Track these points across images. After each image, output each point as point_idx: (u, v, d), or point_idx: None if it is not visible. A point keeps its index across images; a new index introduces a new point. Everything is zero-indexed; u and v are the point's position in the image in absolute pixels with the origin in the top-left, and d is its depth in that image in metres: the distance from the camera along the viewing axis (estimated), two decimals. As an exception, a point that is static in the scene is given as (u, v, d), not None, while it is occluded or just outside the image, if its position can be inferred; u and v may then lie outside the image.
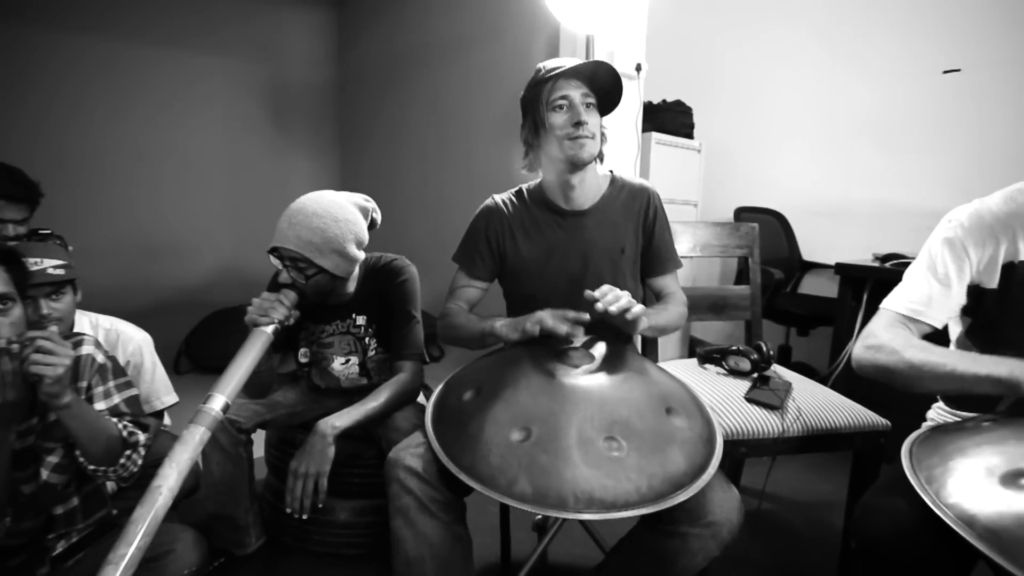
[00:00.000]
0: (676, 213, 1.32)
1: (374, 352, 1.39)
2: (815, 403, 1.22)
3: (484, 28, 3.00)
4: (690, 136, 2.73)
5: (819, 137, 2.78)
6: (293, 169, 4.27)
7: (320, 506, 1.17)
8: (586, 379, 0.92)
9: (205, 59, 3.84)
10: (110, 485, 1.21)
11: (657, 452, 0.82)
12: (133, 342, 1.51)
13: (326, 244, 1.19)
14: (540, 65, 1.17)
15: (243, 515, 1.34)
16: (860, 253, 2.25)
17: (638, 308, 0.98)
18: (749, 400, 1.21)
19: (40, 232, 1.48)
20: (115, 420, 1.09)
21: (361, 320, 1.37)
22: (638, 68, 2.24)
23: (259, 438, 1.42)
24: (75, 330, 1.36)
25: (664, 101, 2.69)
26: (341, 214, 1.23)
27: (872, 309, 1.94)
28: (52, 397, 0.92)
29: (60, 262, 1.30)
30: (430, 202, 3.51)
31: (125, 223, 3.57)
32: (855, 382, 1.15)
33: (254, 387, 1.32)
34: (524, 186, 1.29)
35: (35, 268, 1.20)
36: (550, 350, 1.01)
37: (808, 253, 2.82)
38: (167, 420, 1.66)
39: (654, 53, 2.33)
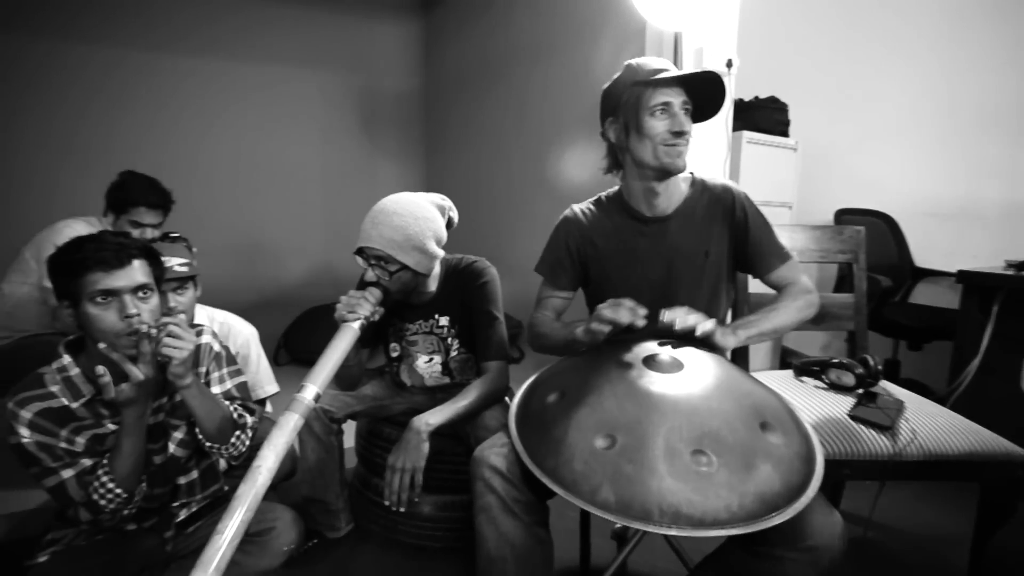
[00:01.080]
0: (769, 216, 1.24)
1: (456, 352, 1.43)
2: (934, 425, 1.10)
3: (568, 30, 3.00)
4: (785, 134, 2.57)
5: (937, 130, 2.51)
6: (381, 174, 4.49)
7: (416, 500, 1.21)
8: (674, 388, 0.89)
9: (304, 73, 4.15)
10: (222, 463, 1.33)
11: (750, 469, 0.78)
12: (242, 335, 1.65)
13: (407, 241, 1.25)
14: (633, 62, 1.13)
15: (334, 500, 1.43)
16: (988, 259, 2.01)
17: (707, 325, 0.96)
18: (854, 418, 1.12)
19: (171, 235, 1.66)
20: (227, 403, 1.20)
21: (444, 321, 1.41)
22: (729, 64, 2.14)
23: (350, 429, 1.51)
24: (195, 322, 1.51)
25: (757, 98, 2.55)
26: (420, 212, 1.28)
27: (1003, 322, 1.74)
28: (177, 377, 1.03)
29: (184, 260, 1.45)
30: (513, 205, 3.55)
31: (234, 227, 3.92)
32: (982, 404, 1.03)
33: (345, 380, 1.40)
34: (603, 194, 1.28)
35: (164, 265, 1.35)
36: (636, 355, 0.99)
37: (922, 259, 2.55)
38: (268, 407, 1.80)
39: (746, 47, 2.21)
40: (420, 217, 1.26)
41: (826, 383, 1.27)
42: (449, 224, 1.37)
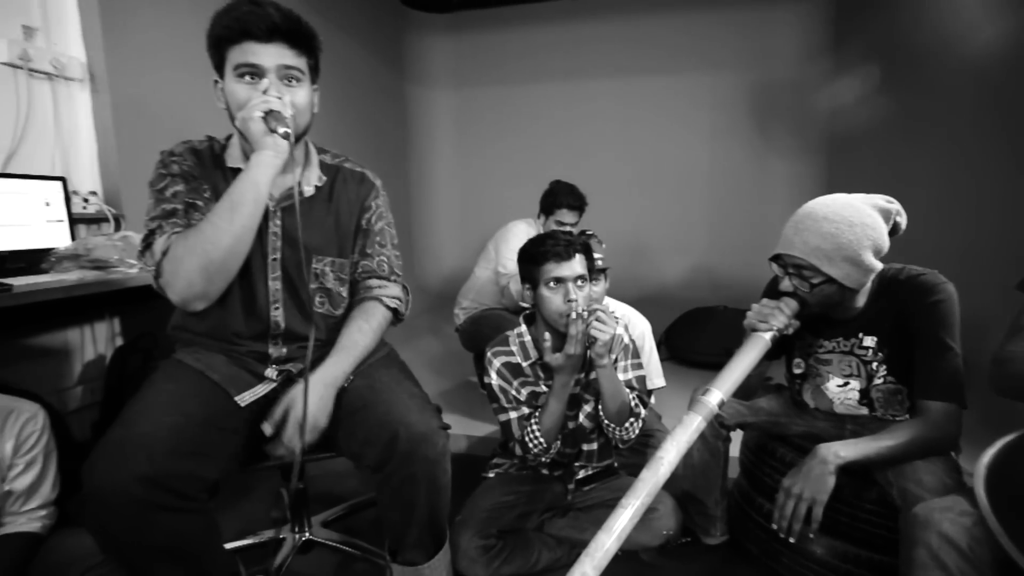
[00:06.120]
0: None
1: (882, 380, 1.19)
2: None
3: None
4: None
5: None
6: (771, 174, 4.17)
7: (811, 536, 1.08)
8: None
9: (695, 78, 4.24)
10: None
11: None
12: (638, 328, 1.79)
13: (837, 251, 1.09)
14: None
15: (713, 506, 1.41)
16: None
17: None
18: None
19: (586, 232, 1.93)
20: (628, 391, 1.33)
21: (870, 341, 1.19)
22: None
23: (737, 437, 1.45)
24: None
25: None
26: (857, 218, 1.09)
27: None
28: (598, 357, 1.20)
29: (599, 255, 1.66)
30: (963, 207, 2.73)
31: (625, 226, 4.31)
32: None
33: (740, 389, 1.34)
34: None
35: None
36: None
37: None
38: (652, 400, 1.91)
39: None
40: (857, 224, 1.08)
41: None
42: (894, 231, 1.14)
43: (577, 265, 1.24)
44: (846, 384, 1.23)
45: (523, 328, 1.37)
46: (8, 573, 1.02)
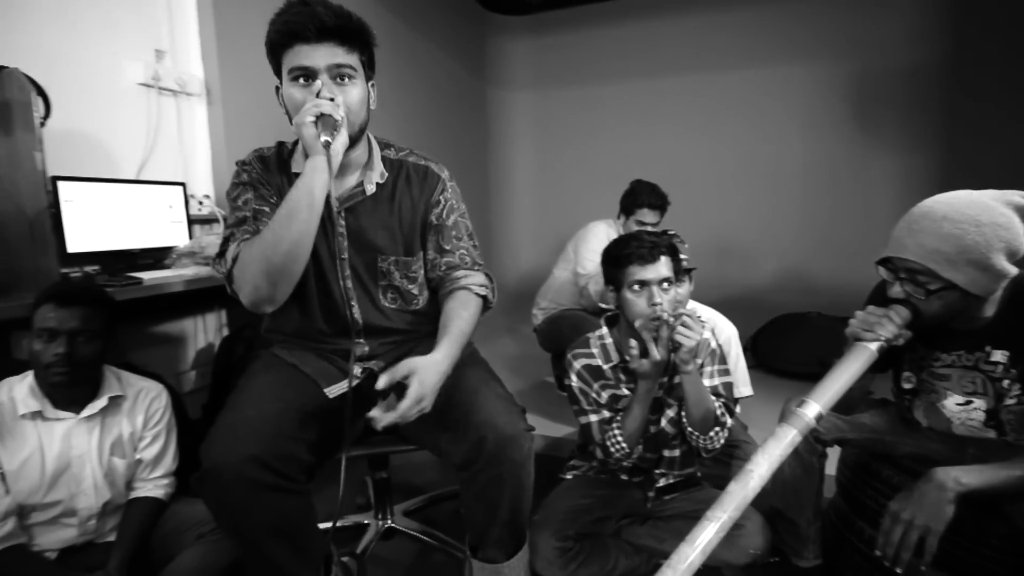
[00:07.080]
0: None
1: (1015, 401, 1.05)
2: None
3: None
4: None
5: None
6: (873, 170, 3.83)
7: (923, 569, 0.98)
8: None
9: (786, 71, 3.99)
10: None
11: None
12: (724, 333, 1.72)
13: (960, 254, 0.98)
14: None
15: (805, 526, 1.31)
16: None
17: None
18: None
19: (668, 232, 1.87)
20: (713, 398, 1.27)
21: (1000, 356, 1.06)
22: None
23: (834, 454, 1.35)
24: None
25: None
26: (986, 217, 0.97)
27: None
28: (683, 362, 1.16)
29: (684, 256, 1.60)
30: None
31: (708, 226, 4.13)
32: None
33: (840, 403, 1.24)
34: None
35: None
36: None
37: None
38: (738, 409, 1.81)
39: None
40: (986, 223, 0.96)
41: None
42: None
43: (662, 268, 1.20)
44: (968, 403, 1.10)
45: (604, 330, 1.35)
46: (137, 530, 1.17)
